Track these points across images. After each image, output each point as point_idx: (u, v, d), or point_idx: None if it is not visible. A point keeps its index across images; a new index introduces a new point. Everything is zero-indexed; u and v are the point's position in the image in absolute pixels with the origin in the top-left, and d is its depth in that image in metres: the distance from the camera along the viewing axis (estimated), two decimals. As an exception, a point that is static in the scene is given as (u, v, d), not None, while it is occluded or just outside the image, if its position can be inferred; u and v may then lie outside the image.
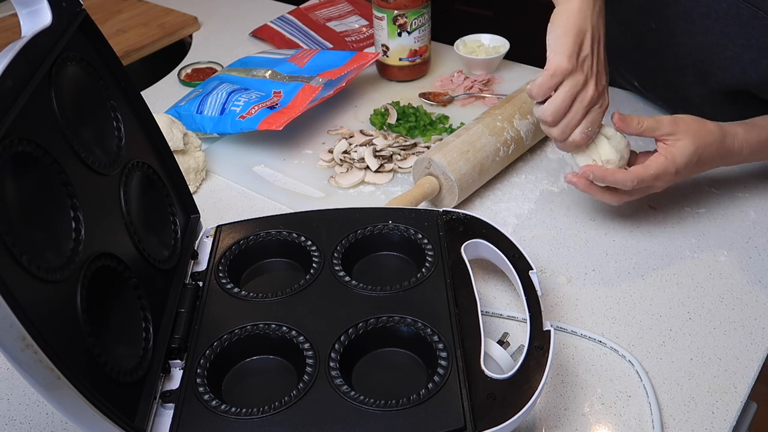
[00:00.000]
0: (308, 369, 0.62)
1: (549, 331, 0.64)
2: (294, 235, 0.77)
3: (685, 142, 0.80)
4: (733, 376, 0.71)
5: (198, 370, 0.63)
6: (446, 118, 1.11)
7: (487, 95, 1.16)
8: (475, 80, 1.19)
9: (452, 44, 1.24)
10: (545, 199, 0.95)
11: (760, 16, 0.87)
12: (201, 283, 0.73)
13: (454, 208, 0.89)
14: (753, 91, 0.92)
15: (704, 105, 0.83)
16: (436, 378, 0.61)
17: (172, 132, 0.96)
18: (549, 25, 0.77)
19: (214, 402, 0.61)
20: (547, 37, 0.77)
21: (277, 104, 1.05)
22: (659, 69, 0.78)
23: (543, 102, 0.79)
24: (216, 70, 1.28)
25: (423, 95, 1.17)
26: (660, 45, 1.01)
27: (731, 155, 0.84)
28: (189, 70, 1.30)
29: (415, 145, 1.04)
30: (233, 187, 1.01)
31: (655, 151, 0.82)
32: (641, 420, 0.68)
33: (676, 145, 0.80)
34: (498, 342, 0.67)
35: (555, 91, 0.78)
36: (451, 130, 1.08)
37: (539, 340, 0.64)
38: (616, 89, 1.16)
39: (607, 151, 0.81)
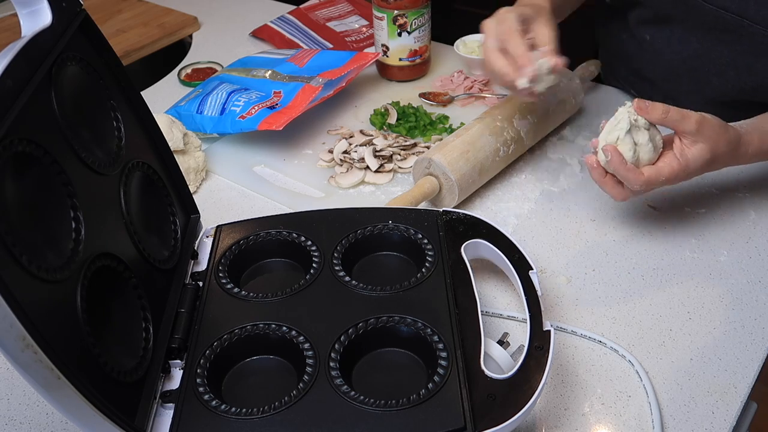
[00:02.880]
0: (308, 369, 0.62)
1: (549, 331, 0.64)
2: (294, 235, 0.77)
3: (703, 146, 0.77)
4: (733, 376, 0.71)
5: (198, 370, 0.63)
6: (446, 118, 1.11)
7: (487, 95, 1.16)
8: (475, 80, 1.19)
9: (452, 44, 1.24)
10: (545, 199, 0.95)
11: (746, 24, 0.87)
12: (201, 283, 0.73)
13: (454, 208, 0.89)
14: (748, 96, 0.92)
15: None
16: (436, 378, 0.61)
17: (172, 132, 0.96)
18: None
19: (214, 402, 0.61)
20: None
21: (277, 104, 1.05)
22: (654, 79, 0.79)
23: None
24: (216, 70, 1.28)
25: (423, 95, 1.17)
26: (655, 55, 1.01)
27: (740, 160, 0.84)
28: (189, 70, 1.30)
29: (415, 145, 1.04)
30: (233, 187, 1.01)
31: (671, 145, 0.80)
32: (641, 420, 0.68)
33: (693, 149, 0.77)
34: (498, 342, 0.67)
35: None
36: (451, 130, 1.08)
37: (539, 340, 0.64)
38: (613, 89, 1.16)
39: (642, 149, 0.79)
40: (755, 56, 0.90)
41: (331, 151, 1.04)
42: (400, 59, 1.20)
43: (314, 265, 0.74)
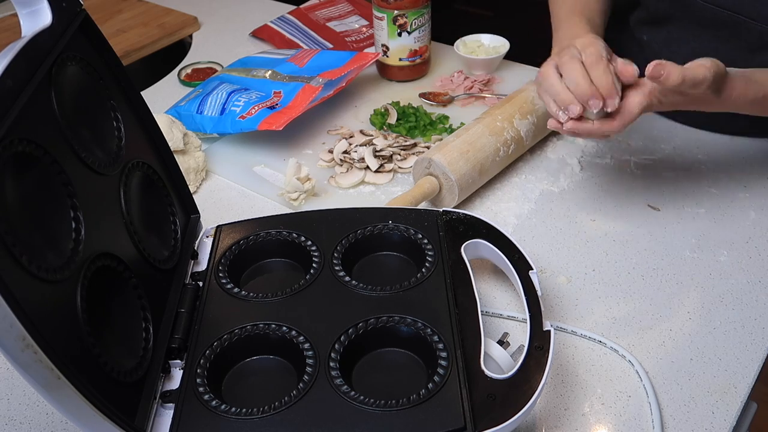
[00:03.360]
0: (308, 369, 0.62)
1: (549, 331, 0.64)
2: (294, 235, 0.77)
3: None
4: (733, 376, 0.71)
5: (198, 370, 0.63)
6: (446, 118, 1.11)
7: (487, 95, 1.16)
8: (475, 80, 1.19)
9: (452, 44, 1.24)
10: (545, 199, 0.95)
11: (741, 20, 0.87)
12: (201, 283, 0.73)
13: (454, 208, 0.89)
14: None
15: (698, 113, 0.84)
16: (436, 378, 0.61)
17: (172, 132, 0.96)
18: None
19: (214, 402, 0.61)
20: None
21: (277, 104, 1.05)
22: None
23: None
24: (216, 70, 1.28)
25: (423, 95, 1.17)
26: (653, 56, 1.01)
27: (720, 105, 0.81)
28: (189, 70, 1.30)
29: (415, 145, 1.04)
30: (233, 187, 1.01)
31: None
32: (641, 420, 0.68)
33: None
34: (498, 342, 0.67)
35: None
36: (451, 130, 1.08)
37: (539, 340, 0.64)
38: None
39: None
40: (752, 52, 0.90)
41: (331, 151, 1.04)
42: (400, 59, 1.20)
43: (314, 265, 0.74)
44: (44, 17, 0.60)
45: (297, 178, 0.93)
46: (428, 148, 1.02)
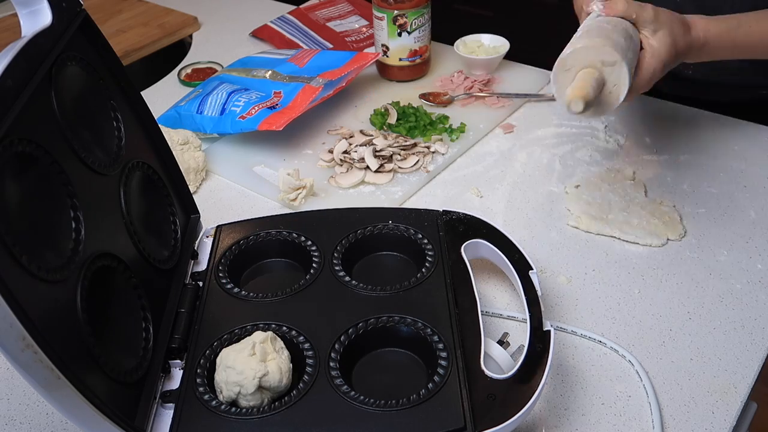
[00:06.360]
0: (308, 369, 0.63)
1: (549, 331, 0.64)
2: (294, 235, 0.77)
3: (663, 32, 0.80)
4: (733, 376, 0.71)
5: (198, 370, 0.63)
6: (446, 118, 1.11)
7: (487, 95, 1.16)
8: (475, 80, 1.19)
9: (452, 44, 1.24)
10: (545, 199, 0.95)
11: None
12: (201, 283, 0.73)
13: (453, 209, 0.89)
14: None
15: (702, 89, 0.85)
16: (436, 378, 0.61)
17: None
18: None
19: (214, 402, 0.61)
20: None
21: (277, 104, 1.05)
22: None
23: None
24: (216, 70, 1.28)
25: (423, 96, 1.17)
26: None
27: (694, 43, 0.84)
28: (189, 70, 1.30)
29: (415, 145, 1.04)
30: (233, 187, 1.01)
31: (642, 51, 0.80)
32: (641, 420, 0.68)
33: (656, 37, 0.80)
34: (498, 342, 0.67)
35: None
36: (451, 130, 1.08)
37: (539, 340, 0.64)
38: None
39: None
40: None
41: (331, 151, 1.04)
42: (400, 59, 1.20)
43: (314, 265, 0.74)
44: (44, 17, 0.60)
45: (288, 174, 0.93)
46: (428, 148, 1.02)
